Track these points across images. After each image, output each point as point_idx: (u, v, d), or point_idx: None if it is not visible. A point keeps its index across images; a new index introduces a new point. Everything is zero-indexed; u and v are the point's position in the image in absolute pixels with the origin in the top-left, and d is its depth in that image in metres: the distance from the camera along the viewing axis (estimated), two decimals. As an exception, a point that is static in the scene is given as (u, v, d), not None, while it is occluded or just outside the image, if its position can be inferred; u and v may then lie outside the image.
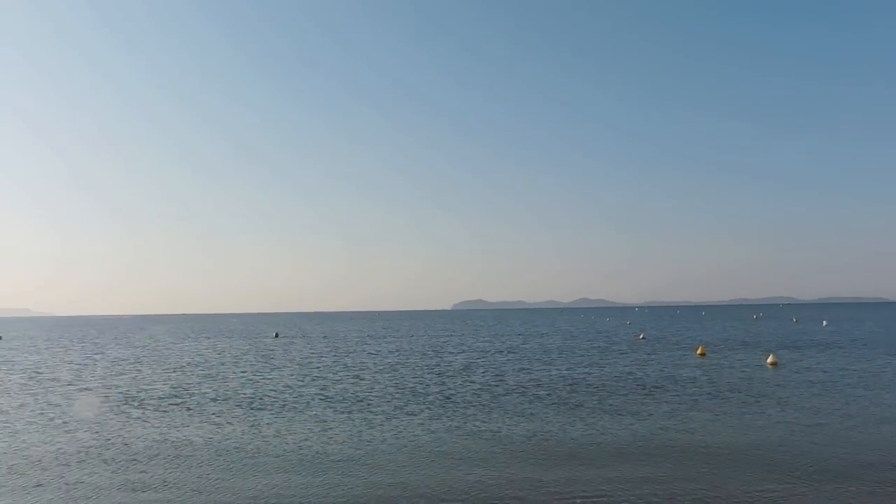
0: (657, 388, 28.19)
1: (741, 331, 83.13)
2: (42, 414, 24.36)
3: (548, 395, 26.64)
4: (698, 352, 46.17)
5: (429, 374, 35.66)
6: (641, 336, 71.38)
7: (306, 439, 18.79)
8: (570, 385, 29.54)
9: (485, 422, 20.99)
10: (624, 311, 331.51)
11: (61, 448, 18.32)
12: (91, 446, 18.46)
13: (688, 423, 20.13)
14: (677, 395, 25.84)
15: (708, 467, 14.87)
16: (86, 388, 31.76)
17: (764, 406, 23.03)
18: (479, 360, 43.54)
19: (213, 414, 23.56)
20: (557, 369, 36.75)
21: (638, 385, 29.15)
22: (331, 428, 20.43)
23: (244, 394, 28.61)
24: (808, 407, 22.70)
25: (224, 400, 26.90)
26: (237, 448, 17.87)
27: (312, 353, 53.94)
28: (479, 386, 29.79)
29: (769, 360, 38.52)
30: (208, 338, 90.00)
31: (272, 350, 59.58)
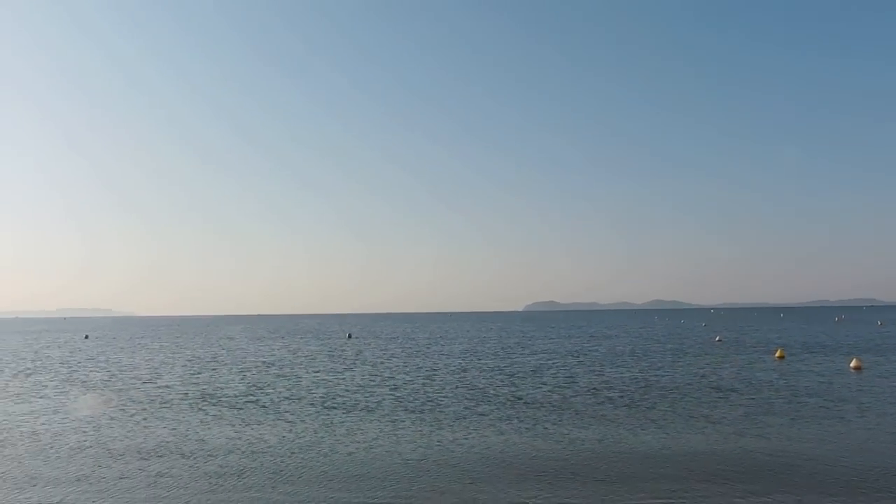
0: (732, 391, 27.60)
1: (822, 333, 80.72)
2: (122, 410, 25.20)
3: (620, 397, 26.35)
4: (777, 354, 45.04)
5: (499, 375, 35.65)
6: (717, 338, 69.98)
7: (377, 438, 19.01)
8: (642, 387, 29.17)
9: (556, 423, 20.90)
10: (699, 312, 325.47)
11: (142, 442, 18.93)
12: (169, 441, 19.03)
13: (763, 427, 19.67)
14: (753, 399, 25.26)
15: (783, 474, 14.52)
16: (165, 386, 32.73)
17: (844, 411, 22.34)
18: (550, 362, 43.33)
19: (287, 412, 24.01)
20: (629, 371, 36.32)
21: (712, 388, 28.59)
22: (401, 428, 20.62)
23: (317, 393, 29.07)
24: (891, 413, 21.93)
25: (297, 399, 27.38)
26: (310, 446, 18.20)
27: (384, 354, 54.46)
28: (549, 388, 29.65)
29: (852, 363, 37.34)
30: (282, 338, 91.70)
31: (344, 350, 60.36)
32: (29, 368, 45.12)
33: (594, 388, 28.99)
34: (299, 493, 13.76)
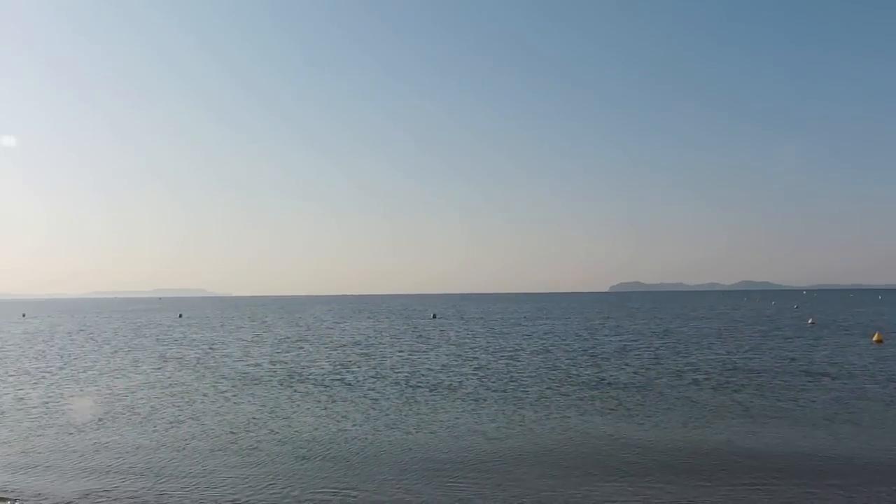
0: (824, 375, 26.77)
1: (922, 316, 77.34)
2: (214, 386, 26.12)
3: (705, 379, 25.90)
4: (874, 338, 43.40)
5: (583, 356, 35.47)
6: (810, 321, 67.84)
7: (459, 417, 19.24)
8: (728, 370, 28.58)
9: (639, 405, 20.74)
10: (791, 293, 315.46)
11: (233, 418, 19.65)
12: (258, 417, 19.69)
13: (855, 413, 19.09)
14: (846, 384, 24.45)
15: (876, 463, 14.14)
16: (255, 364, 33.72)
17: (944, 396, 21.46)
18: (634, 343, 42.87)
19: (371, 390, 24.47)
20: (716, 353, 35.60)
21: (802, 372, 27.79)
22: (484, 406, 20.80)
23: (401, 372, 29.50)
24: None
25: (382, 377, 27.85)
26: (394, 423, 18.57)
27: (468, 334, 54.76)
28: (633, 369, 29.35)
29: (953, 347, 35.70)
30: (368, 317, 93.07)
31: (428, 330, 60.94)
32: (128, 346, 47.11)
33: (679, 370, 28.55)
34: (383, 468, 14.12)
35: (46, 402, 23.08)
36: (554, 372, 28.73)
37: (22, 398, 24.09)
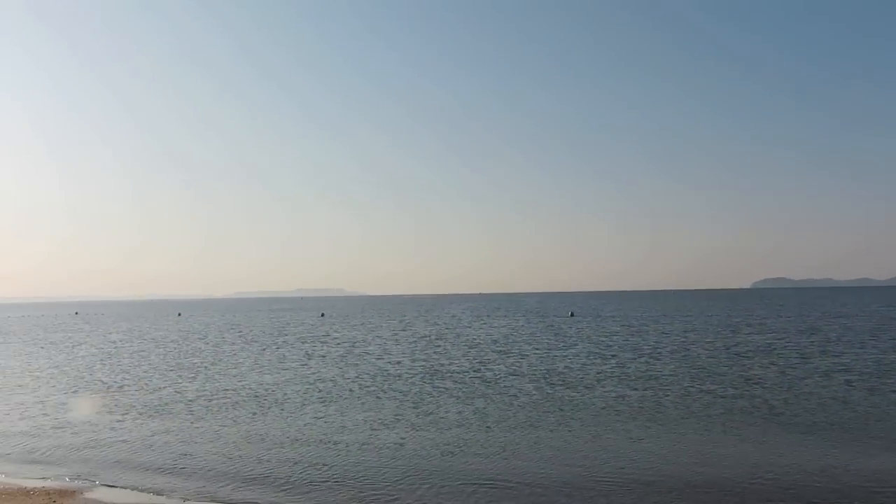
0: None
1: None
2: (357, 382, 26.98)
3: (858, 379, 24.64)
4: None
5: (725, 353, 34.45)
6: (975, 317, 63.17)
7: (597, 415, 19.20)
8: (884, 370, 27.06)
9: (787, 402, 20.07)
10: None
11: (376, 414, 20.30)
12: (401, 413, 20.27)
13: None
14: None
15: None
16: (396, 362, 34.56)
17: None
18: (779, 341, 41.21)
19: (510, 387, 24.68)
20: (869, 353, 33.69)
21: (969, 371, 25.94)
22: (623, 404, 20.65)
23: (539, 369, 29.55)
24: None
25: (520, 375, 28.01)
26: (535, 421, 18.78)
27: (605, 331, 54.14)
28: (779, 368, 28.28)
29: None
30: (504, 316, 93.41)
31: (564, 328, 60.61)
32: (275, 343, 49.25)
33: (828, 370, 27.24)
34: (530, 466, 14.34)
35: (202, 396, 24.58)
36: (695, 370, 28.06)
37: (180, 391, 25.75)
